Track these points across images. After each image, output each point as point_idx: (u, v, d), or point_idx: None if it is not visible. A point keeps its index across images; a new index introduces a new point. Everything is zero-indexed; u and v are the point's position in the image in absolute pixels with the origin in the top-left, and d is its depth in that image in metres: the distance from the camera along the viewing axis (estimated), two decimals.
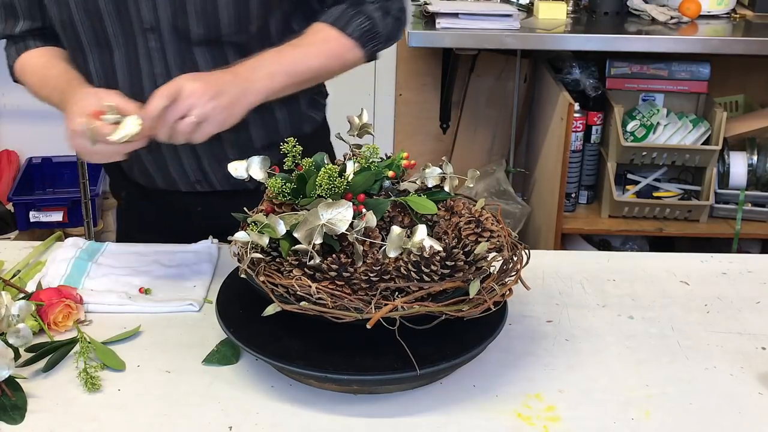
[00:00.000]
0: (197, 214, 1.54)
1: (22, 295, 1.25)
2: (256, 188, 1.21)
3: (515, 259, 1.11)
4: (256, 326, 1.08)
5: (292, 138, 1.17)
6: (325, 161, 1.17)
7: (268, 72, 1.31)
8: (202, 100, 1.21)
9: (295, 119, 1.51)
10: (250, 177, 1.17)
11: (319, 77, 1.43)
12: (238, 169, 1.18)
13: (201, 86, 1.21)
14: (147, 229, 1.57)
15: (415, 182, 1.20)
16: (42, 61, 1.45)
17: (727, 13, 2.87)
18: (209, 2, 1.32)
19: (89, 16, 1.35)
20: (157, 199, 1.56)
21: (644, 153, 2.73)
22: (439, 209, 1.17)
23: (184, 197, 1.53)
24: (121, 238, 1.64)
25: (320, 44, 1.38)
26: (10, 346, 1.09)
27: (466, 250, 1.03)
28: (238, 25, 1.36)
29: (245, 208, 1.17)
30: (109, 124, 1.19)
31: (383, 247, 1.05)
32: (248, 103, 1.27)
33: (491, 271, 1.09)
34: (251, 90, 1.27)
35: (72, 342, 1.17)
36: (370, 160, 1.17)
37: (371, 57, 1.45)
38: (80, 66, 1.41)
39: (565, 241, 2.83)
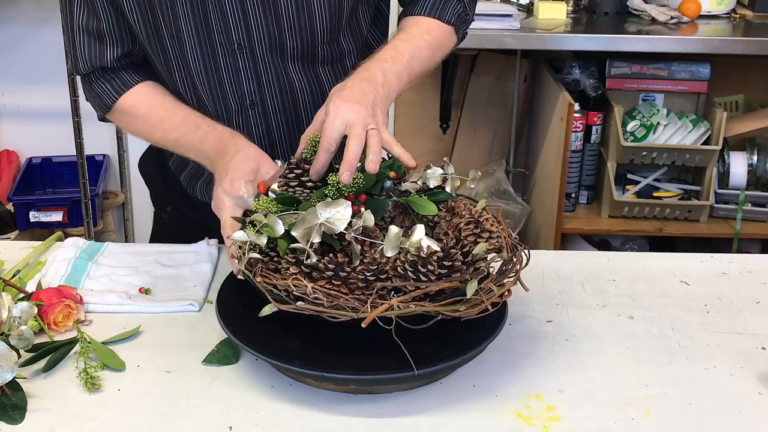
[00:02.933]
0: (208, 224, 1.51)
1: (22, 295, 1.25)
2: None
3: (515, 260, 1.11)
4: (256, 326, 1.08)
5: (316, 134, 1.17)
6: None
7: (396, 73, 1.28)
8: (367, 118, 1.16)
9: None
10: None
11: (428, 68, 1.40)
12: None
13: (362, 111, 1.16)
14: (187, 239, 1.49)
15: (416, 183, 1.20)
16: (156, 102, 1.38)
17: (727, 13, 2.87)
18: (304, 19, 1.30)
19: (173, 40, 1.31)
20: (205, 210, 1.47)
21: (644, 153, 2.73)
22: (440, 210, 1.17)
23: None
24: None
25: (426, 35, 1.36)
26: (12, 347, 1.09)
27: (464, 250, 1.03)
28: (330, 35, 1.34)
29: None
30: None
31: (381, 247, 1.05)
32: (388, 104, 1.25)
33: (490, 271, 1.09)
34: (390, 96, 1.25)
35: (72, 342, 1.17)
36: None
37: (462, 39, 1.45)
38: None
39: (565, 241, 2.83)
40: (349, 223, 1.05)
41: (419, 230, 1.04)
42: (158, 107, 1.38)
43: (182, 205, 1.57)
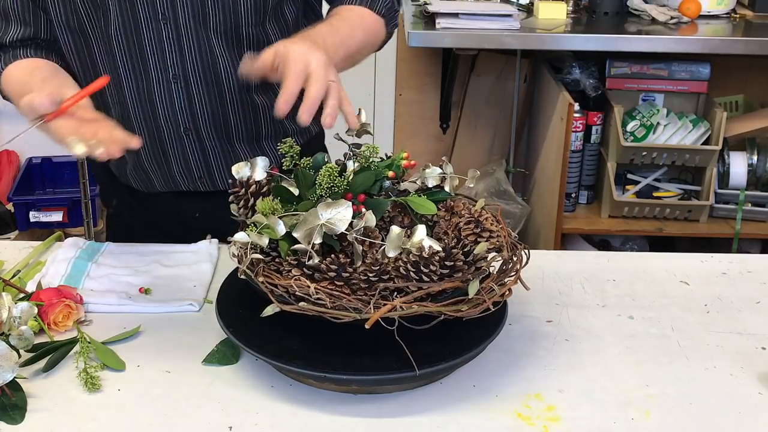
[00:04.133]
0: (193, 221, 1.51)
1: (22, 295, 1.25)
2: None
3: (515, 259, 1.11)
4: (256, 326, 1.08)
5: (289, 138, 1.17)
6: (325, 160, 1.17)
7: (332, 44, 1.25)
8: (330, 67, 1.14)
9: None
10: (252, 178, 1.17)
11: (363, 54, 1.39)
12: (240, 171, 1.18)
13: (324, 59, 1.13)
14: (137, 239, 1.50)
15: (415, 182, 1.20)
16: (29, 68, 1.35)
17: (727, 13, 2.87)
18: None
19: (95, 9, 1.33)
20: (150, 203, 1.53)
21: (644, 153, 2.73)
22: (439, 209, 1.17)
23: (181, 202, 1.51)
24: None
25: (359, 19, 1.37)
26: (12, 347, 1.09)
27: (465, 250, 1.03)
28: (254, 16, 1.35)
29: None
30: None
31: (382, 247, 1.05)
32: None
33: (491, 271, 1.09)
34: (330, 60, 1.20)
35: (72, 342, 1.17)
36: (370, 160, 1.17)
37: (389, 35, 1.45)
38: (86, 66, 1.40)
39: (565, 241, 2.83)
40: (350, 224, 1.04)
41: (420, 230, 1.04)
42: (27, 73, 1.33)
43: (127, 198, 1.57)
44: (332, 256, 1.04)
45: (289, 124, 1.47)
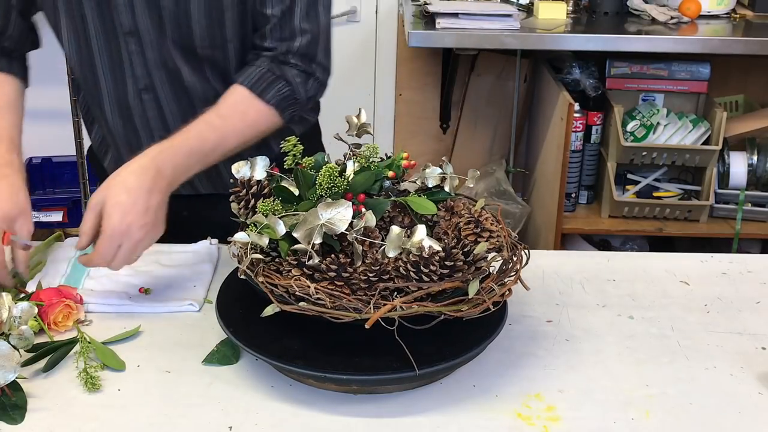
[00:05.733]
0: (183, 220, 1.52)
1: (22, 295, 1.25)
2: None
3: (515, 259, 1.11)
4: (256, 326, 1.08)
5: (293, 137, 1.17)
6: (325, 160, 1.17)
7: (187, 165, 1.27)
8: (131, 235, 1.18)
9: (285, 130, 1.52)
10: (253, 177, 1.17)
11: (235, 152, 1.37)
12: (241, 170, 1.18)
13: (123, 218, 1.17)
14: None
15: (415, 182, 1.20)
16: None
17: (727, 13, 2.87)
18: (182, 14, 1.32)
19: (73, 20, 1.35)
20: None
21: (644, 153, 2.72)
22: (439, 209, 1.17)
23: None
24: None
25: (238, 122, 1.34)
26: (13, 347, 1.09)
27: (465, 250, 1.03)
28: (210, 41, 1.35)
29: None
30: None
31: (382, 247, 1.05)
32: (166, 201, 1.24)
33: (491, 271, 1.09)
34: (172, 188, 1.25)
35: (72, 342, 1.17)
36: (370, 160, 1.17)
37: (290, 120, 1.42)
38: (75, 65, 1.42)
39: (565, 241, 2.83)
40: (350, 224, 1.04)
41: (420, 230, 1.04)
42: None
43: None
44: (332, 256, 1.04)
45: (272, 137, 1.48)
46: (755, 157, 2.80)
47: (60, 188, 3.24)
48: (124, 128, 1.46)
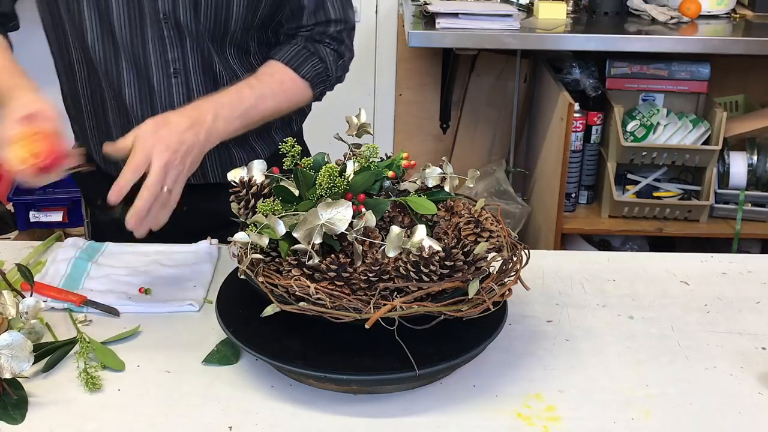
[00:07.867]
0: (181, 215, 1.52)
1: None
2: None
3: (515, 259, 1.11)
4: (256, 326, 1.08)
5: (290, 138, 1.17)
6: (325, 160, 1.17)
7: (227, 117, 1.31)
8: (172, 169, 1.20)
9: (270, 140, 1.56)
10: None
11: (270, 118, 1.43)
12: (237, 176, 1.18)
13: (168, 154, 1.19)
14: (123, 237, 1.48)
15: (415, 182, 1.20)
16: None
17: (727, 13, 2.87)
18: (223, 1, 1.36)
19: (98, 4, 1.36)
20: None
21: (644, 153, 2.73)
22: (439, 209, 1.17)
23: None
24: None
25: (275, 86, 1.40)
26: None
27: (465, 250, 1.03)
28: (243, 24, 1.39)
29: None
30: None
31: (382, 247, 1.05)
32: (206, 150, 1.28)
33: (491, 271, 1.09)
34: (210, 139, 1.28)
35: (72, 342, 1.17)
36: (370, 160, 1.17)
37: (318, 98, 1.48)
38: (80, 51, 1.43)
39: (565, 241, 2.83)
40: (350, 224, 1.04)
41: (420, 230, 1.04)
42: None
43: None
44: (332, 256, 1.04)
45: (274, 120, 1.50)
46: (755, 157, 2.80)
47: (60, 188, 3.23)
48: (143, 116, 1.42)
